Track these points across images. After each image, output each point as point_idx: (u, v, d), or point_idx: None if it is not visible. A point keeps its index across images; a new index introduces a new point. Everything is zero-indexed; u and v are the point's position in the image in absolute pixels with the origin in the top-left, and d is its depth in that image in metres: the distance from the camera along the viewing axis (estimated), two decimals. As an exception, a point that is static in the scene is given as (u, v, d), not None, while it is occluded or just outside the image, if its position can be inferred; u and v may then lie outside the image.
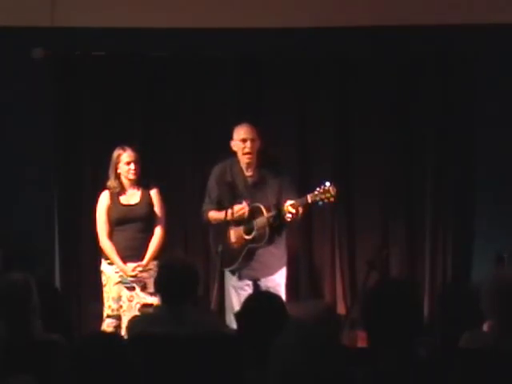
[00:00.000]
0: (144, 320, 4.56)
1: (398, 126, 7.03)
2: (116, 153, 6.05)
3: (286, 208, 5.69)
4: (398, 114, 7.02)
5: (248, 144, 5.93)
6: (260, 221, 5.87)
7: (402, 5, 6.85)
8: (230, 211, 5.81)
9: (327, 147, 7.05)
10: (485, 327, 4.27)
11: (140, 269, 5.97)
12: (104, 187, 6.14)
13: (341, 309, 6.89)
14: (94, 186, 6.72)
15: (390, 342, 3.08)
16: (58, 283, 6.93)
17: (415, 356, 3.10)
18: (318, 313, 6.44)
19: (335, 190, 5.68)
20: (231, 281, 6.01)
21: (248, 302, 3.70)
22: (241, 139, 5.93)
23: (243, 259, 5.94)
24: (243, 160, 5.97)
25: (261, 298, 3.78)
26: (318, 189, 5.70)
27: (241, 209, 5.87)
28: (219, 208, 6.04)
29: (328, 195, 5.67)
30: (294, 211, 5.65)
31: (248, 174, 6.01)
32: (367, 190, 7.01)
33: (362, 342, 5.64)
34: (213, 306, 5.87)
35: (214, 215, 6.04)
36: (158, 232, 6.09)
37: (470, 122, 6.95)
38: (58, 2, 6.84)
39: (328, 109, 7.04)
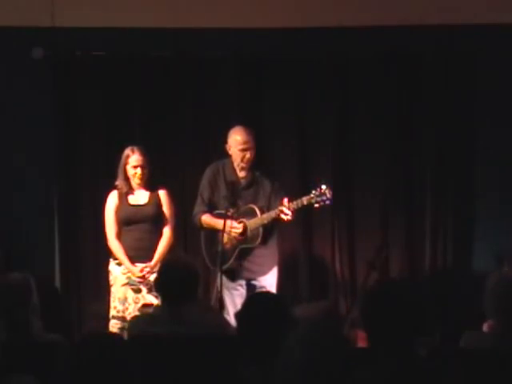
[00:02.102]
0: (144, 320, 4.56)
1: (398, 125, 7.03)
2: (125, 153, 6.04)
3: (281, 209, 5.72)
4: (398, 114, 7.01)
5: (247, 154, 5.98)
6: (254, 222, 5.90)
7: (401, 5, 6.84)
8: (227, 225, 5.81)
9: (327, 147, 7.04)
10: (485, 327, 4.28)
11: (148, 269, 5.97)
12: (108, 186, 6.13)
13: (341, 309, 6.89)
14: (94, 186, 6.72)
15: (390, 342, 3.08)
16: (57, 283, 6.93)
17: (415, 356, 3.10)
18: (320, 314, 6.44)
19: (331, 192, 5.73)
20: (224, 281, 6.01)
21: (249, 302, 3.70)
22: (240, 149, 5.97)
23: (235, 259, 5.97)
24: (240, 165, 6.01)
25: (262, 298, 3.78)
26: (313, 191, 5.75)
27: (237, 228, 5.90)
28: (212, 210, 6.06)
29: (324, 198, 5.72)
30: (289, 213, 5.70)
31: (241, 175, 6.04)
32: (367, 190, 7.01)
33: (362, 342, 5.64)
34: (213, 306, 5.87)
35: (210, 222, 6.06)
36: (167, 233, 6.08)
37: (470, 121, 6.95)
38: (58, 2, 6.83)
39: (328, 109, 7.03)
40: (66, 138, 7.01)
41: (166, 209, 6.10)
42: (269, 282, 6.03)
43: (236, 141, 5.99)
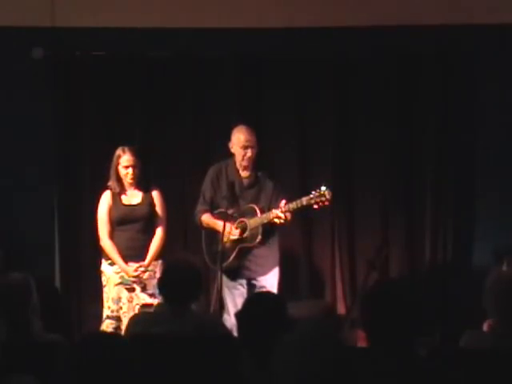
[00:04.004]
0: (145, 319, 4.56)
1: (398, 125, 7.03)
2: (116, 153, 6.05)
3: (276, 214, 5.73)
4: (398, 114, 7.02)
5: (249, 152, 5.99)
6: (253, 221, 5.90)
7: (401, 5, 6.85)
8: (226, 230, 5.82)
9: (327, 147, 7.05)
10: (485, 327, 4.28)
11: (142, 269, 5.97)
12: (105, 187, 6.14)
13: (341, 309, 6.89)
14: (94, 186, 6.71)
15: (390, 342, 3.08)
16: (57, 283, 6.93)
17: (415, 356, 3.10)
18: (317, 313, 6.44)
19: (330, 194, 5.74)
20: (224, 280, 6.02)
21: (249, 302, 3.70)
22: (242, 146, 5.98)
23: (234, 258, 5.97)
24: (242, 164, 6.02)
25: (262, 298, 3.78)
26: (313, 192, 5.77)
27: (234, 234, 5.92)
28: (213, 210, 6.07)
29: (323, 199, 5.74)
30: (282, 216, 5.71)
31: (244, 175, 6.05)
32: (367, 190, 7.01)
33: (362, 342, 5.64)
34: (213, 305, 5.87)
35: (209, 222, 6.07)
36: (159, 233, 6.09)
37: (470, 121, 6.96)
38: (58, 2, 6.84)
39: (328, 109, 7.03)
40: (66, 137, 7.02)
41: (158, 209, 6.11)
42: (269, 282, 6.03)
43: (239, 139, 6.00)
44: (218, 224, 5.94)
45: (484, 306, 3.96)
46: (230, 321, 5.61)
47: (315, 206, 5.78)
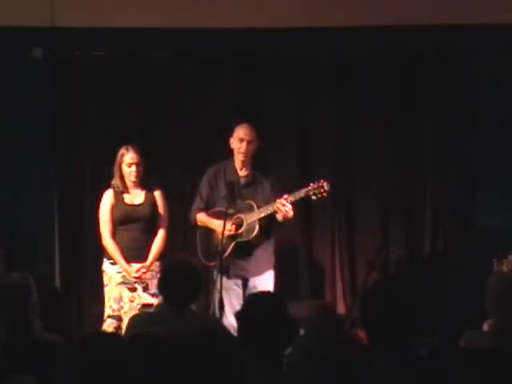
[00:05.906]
0: (145, 319, 4.56)
1: (398, 125, 7.03)
2: (120, 152, 6.06)
3: (280, 201, 5.74)
4: (398, 114, 7.02)
5: (244, 145, 6.00)
6: (250, 216, 5.91)
7: (401, 5, 6.85)
8: (226, 229, 5.81)
9: (327, 147, 7.05)
10: (485, 326, 4.28)
11: (144, 270, 5.97)
12: (108, 185, 6.13)
13: (341, 309, 6.89)
14: (94, 186, 6.73)
15: (390, 342, 3.08)
16: (58, 283, 6.93)
17: (415, 356, 3.10)
18: (317, 313, 6.44)
19: (329, 186, 5.78)
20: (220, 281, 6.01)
21: (249, 302, 3.70)
22: (239, 139, 6.01)
23: (230, 254, 5.96)
24: (238, 158, 6.04)
25: (262, 298, 3.78)
26: (311, 184, 5.81)
27: (230, 230, 5.90)
28: (209, 209, 6.08)
29: (321, 190, 5.78)
30: (288, 204, 5.72)
31: (241, 173, 6.06)
32: (367, 190, 7.02)
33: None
34: (212, 306, 5.87)
35: (204, 220, 6.08)
36: (161, 233, 6.09)
37: (470, 121, 6.96)
38: (58, 2, 6.84)
39: (328, 109, 7.03)
40: (66, 137, 7.02)
41: (160, 209, 6.12)
42: (263, 283, 6.02)
43: (237, 133, 6.05)
44: (213, 222, 5.97)
45: (485, 306, 3.96)
46: (227, 321, 5.61)
47: (313, 198, 5.81)
